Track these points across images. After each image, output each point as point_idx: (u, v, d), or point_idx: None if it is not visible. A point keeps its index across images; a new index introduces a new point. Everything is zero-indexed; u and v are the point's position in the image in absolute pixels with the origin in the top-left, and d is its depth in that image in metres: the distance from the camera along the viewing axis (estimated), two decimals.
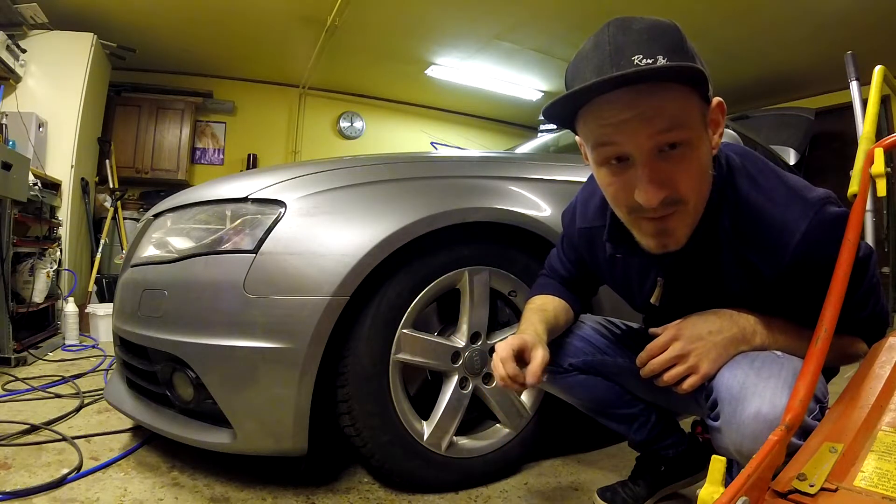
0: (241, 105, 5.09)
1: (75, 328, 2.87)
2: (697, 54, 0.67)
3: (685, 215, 0.69)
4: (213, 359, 1.05)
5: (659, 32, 0.63)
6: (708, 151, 0.69)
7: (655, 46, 0.62)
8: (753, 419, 0.64)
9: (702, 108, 0.66)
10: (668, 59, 0.61)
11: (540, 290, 1.02)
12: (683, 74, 0.62)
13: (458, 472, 1.20)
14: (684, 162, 0.65)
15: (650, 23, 0.64)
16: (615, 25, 0.65)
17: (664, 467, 1.10)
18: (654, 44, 0.62)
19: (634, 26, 0.64)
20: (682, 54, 0.63)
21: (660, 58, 0.61)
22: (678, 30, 0.65)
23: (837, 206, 0.70)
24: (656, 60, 0.60)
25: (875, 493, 0.46)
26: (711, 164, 0.70)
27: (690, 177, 0.67)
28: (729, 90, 4.72)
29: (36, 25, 3.34)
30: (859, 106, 2.40)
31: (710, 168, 0.70)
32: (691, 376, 0.74)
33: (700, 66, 0.64)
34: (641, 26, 0.64)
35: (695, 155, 0.66)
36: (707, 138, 0.68)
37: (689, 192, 0.67)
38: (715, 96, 0.69)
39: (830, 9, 3.34)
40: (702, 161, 0.67)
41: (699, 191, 0.69)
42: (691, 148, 0.65)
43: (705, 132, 0.67)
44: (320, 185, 1.15)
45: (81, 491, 1.12)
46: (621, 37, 0.63)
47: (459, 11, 3.65)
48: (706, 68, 0.67)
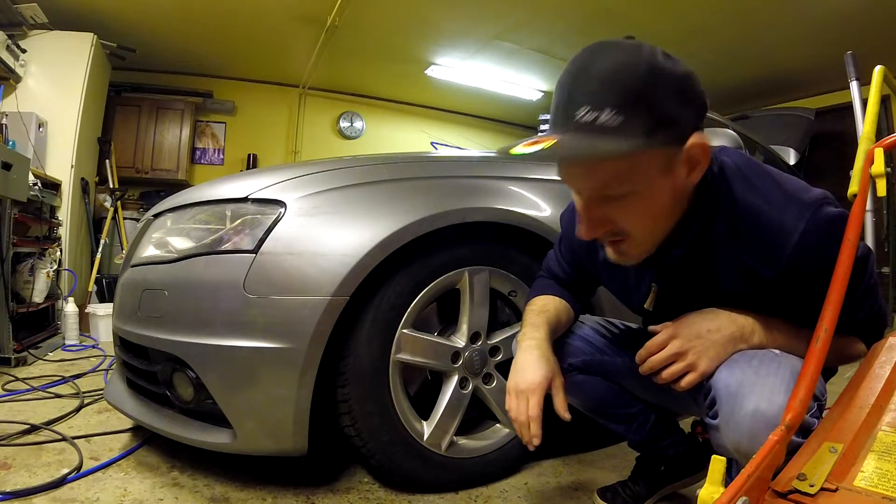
0: (241, 105, 5.09)
1: (75, 328, 2.87)
2: (679, 89, 0.63)
3: (634, 243, 0.72)
4: (213, 359, 1.05)
5: (618, 78, 0.61)
6: (668, 191, 0.68)
7: (608, 97, 0.60)
8: (752, 417, 0.64)
9: (661, 156, 0.64)
10: (616, 110, 0.60)
11: (540, 291, 1.02)
12: (615, 151, 0.61)
13: (458, 472, 1.20)
14: (624, 208, 0.68)
15: (611, 64, 0.62)
16: (580, 62, 0.65)
17: (664, 467, 1.10)
18: (608, 94, 0.60)
19: (595, 67, 0.63)
20: (637, 103, 0.60)
21: (606, 110, 0.60)
22: (645, 68, 0.61)
23: (834, 206, 0.70)
24: (598, 116, 0.60)
25: (875, 493, 0.46)
26: (678, 197, 0.70)
27: (633, 218, 0.69)
28: (729, 90, 4.75)
29: (36, 25, 3.34)
30: (859, 106, 2.40)
31: (672, 204, 0.70)
32: (689, 374, 0.74)
33: (659, 116, 0.61)
34: (600, 69, 0.62)
35: (639, 202, 0.67)
36: (668, 179, 0.66)
37: (631, 228, 0.70)
38: (696, 132, 0.65)
39: (830, 9, 3.34)
40: (654, 206, 0.69)
41: (646, 226, 0.71)
42: (634, 197, 0.67)
43: (665, 174, 0.66)
44: (320, 185, 1.15)
45: (81, 491, 1.12)
46: (577, 81, 0.63)
47: (459, 11, 3.65)
48: (688, 104, 0.64)
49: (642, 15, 3.53)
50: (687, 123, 0.64)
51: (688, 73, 0.64)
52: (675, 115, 0.63)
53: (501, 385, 1.27)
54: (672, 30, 3.71)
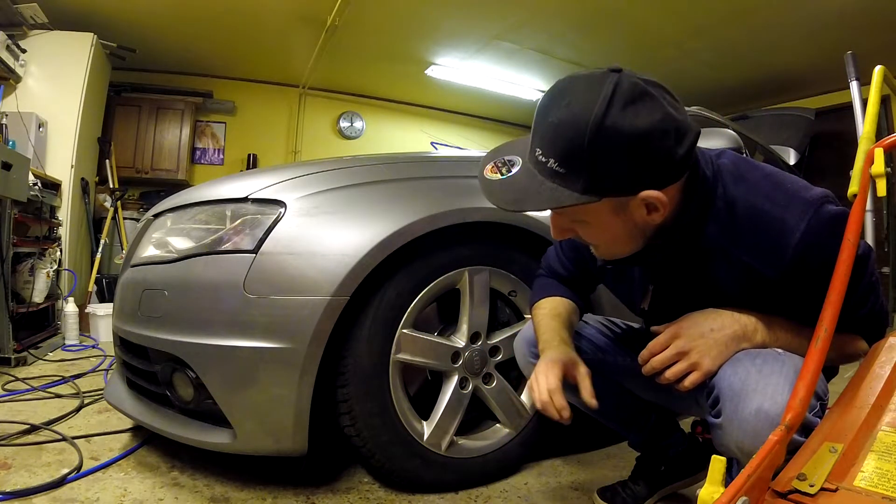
0: (241, 105, 5.08)
1: (75, 328, 2.87)
2: (616, 155, 0.61)
3: (601, 251, 0.78)
4: (213, 359, 1.05)
5: (562, 133, 0.63)
6: (622, 227, 0.71)
7: (553, 148, 0.64)
8: (755, 416, 0.64)
9: (607, 203, 0.67)
10: (558, 163, 0.64)
11: (544, 292, 1.02)
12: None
13: (458, 472, 1.20)
14: (584, 228, 0.73)
15: (565, 116, 0.63)
16: (547, 100, 0.67)
17: (664, 467, 1.10)
18: (553, 145, 0.64)
19: (550, 116, 0.65)
20: (576, 161, 0.62)
21: (552, 160, 0.64)
22: (591, 132, 0.60)
23: (836, 204, 0.70)
24: (548, 161, 0.64)
25: (875, 493, 0.46)
26: (641, 228, 0.72)
27: (588, 235, 0.75)
28: (729, 90, 4.75)
29: (36, 25, 3.33)
30: (859, 106, 2.40)
31: (631, 233, 0.72)
32: (693, 373, 0.74)
33: (596, 175, 0.62)
34: (553, 118, 0.64)
35: (595, 229, 0.72)
36: (621, 219, 0.69)
37: (590, 241, 0.76)
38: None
39: (830, 9, 3.34)
40: (609, 233, 0.72)
41: (608, 244, 0.75)
42: (590, 225, 0.72)
43: (616, 216, 0.69)
44: (320, 185, 1.15)
45: (81, 491, 1.12)
46: (539, 122, 0.67)
47: (459, 11, 3.65)
48: (637, 161, 0.62)
49: (642, 15, 3.53)
50: (636, 180, 0.64)
51: (651, 129, 0.60)
52: (620, 173, 0.63)
53: (501, 385, 1.27)
54: (672, 30, 3.71)
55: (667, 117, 0.62)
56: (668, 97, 0.64)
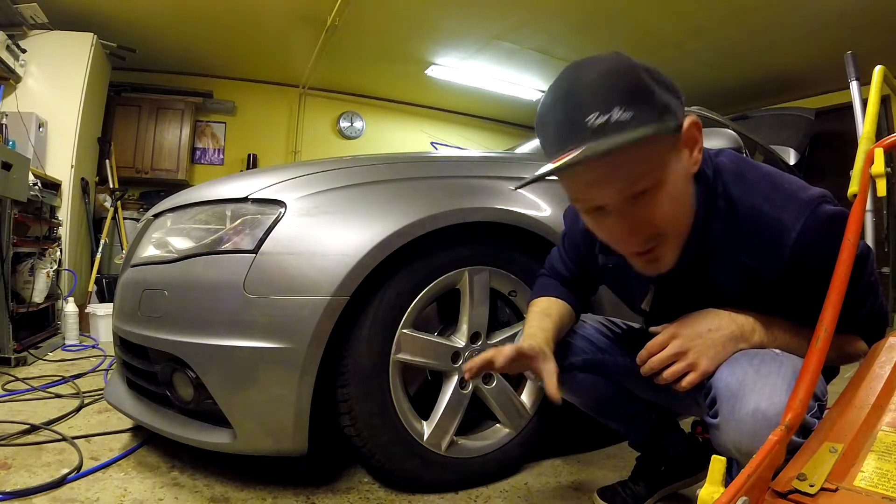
0: (241, 105, 5.09)
1: (75, 328, 2.87)
2: (658, 80, 0.65)
3: (667, 244, 0.73)
4: (213, 359, 1.05)
5: (611, 80, 0.63)
6: (683, 176, 0.70)
7: (611, 97, 0.62)
8: (752, 416, 0.64)
9: (670, 140, 0.67)
10: (623, 107, 0.61)
11: (542, 292, 1.02)
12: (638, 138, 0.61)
13: (458, 472, 1.20)
14: (655, 202, 0.68)
15: (601, 69, 0.64)
16: (568, 80, 0.67)
17: (664, 467, 1.10)
18: (610, 94, 0.62)
19: (586, 78, 0.65)
20: (638, 96, 0.63)
21: (615, 110, 0.61)
22: (631, 68, 0.64)
23: (833, 204, 0.70)
24: (610, 117, 0.61)
25: (875, 493, 0.46)
26: (690, 181, 0.72)
27: (664, 212, 0.69)
28: (729, 90, 4.75)
29: (36, 25, 3.33)
30: (859, 106, 2.40)
31: (688, 188, 0.72)
32: (690, 374, 0.74)
33: (660, 102, 0.64)
34: (592, 77, 0.64)
35: (665, 191, 0.68)
36: (680, 165, 0.69)
37: (665, 225, 0.71)
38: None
39: (830, 9, 3.34)
40: (674, 191, 0.69)
41: (676, 218, 0.72)
42: (660, 187, 0.68)
43: (677, 160, 0.69)
44: (320, 185, 1.15)
45: (81, 491, 1.12)
46: (574, 94, 0.65)
47: (459, 11, 3.65)
48: (673, 91, 0.67)
49: (642, 15, 3.53)
50: (677, 109, 0.67)
51: (666, 78, 0.68)
52: (668, 103, 0.65)
53: (502, 385, 1.27)
54: (672, 30, 3.71)
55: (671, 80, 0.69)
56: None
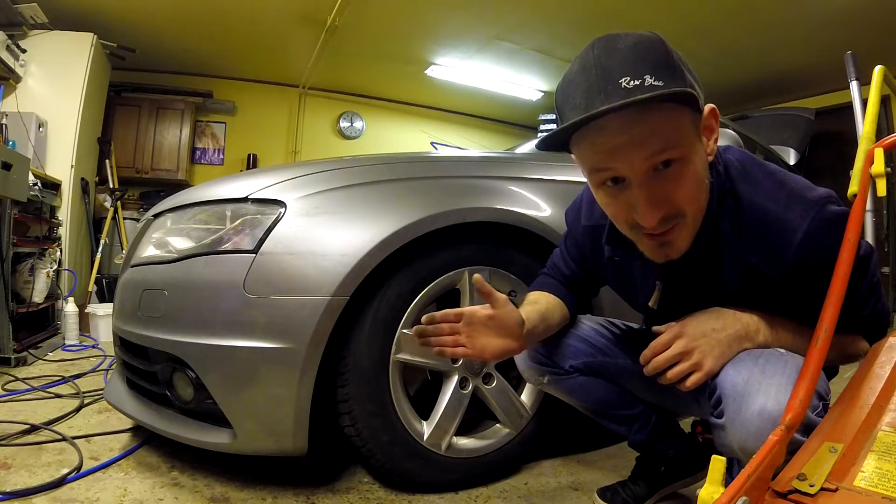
0: (241, 105, 5.09)
1: (75, 328, 2.87)
2: (685, 64, 0.66)
3: (684, 227, 0.71)
4: (213, 359, 1.05)
5: (644, 50, 0.63)
6: (703, 160, 0.69)
7: (641, 66, 0.62)
8: (758, 416, 0.64)
9: (693, 119, 0.67)
10: (654, 77, 0.61)
11: (537, 287, 1.02)
12: (672, 97, 0.62)
13: (458, 472, 1.20)
14: (680, 178, 0.66)
15: (634, 40, 0.64)
16: (599, 47, 0.65)
17: (664, 467, 1.10)
18: (640, 63, 0.62)
19: (619, 45, 0.64)
20: (669, 70, 0.63)
21: (647, 77, 0.61)
22: (663, 43, 0.65)
23: (838, 205, 0.70)
24: (644, 81, 0.61)
25: (875, 493, 0.46)
26: (708, 170, 0.71)
27: (686, 190, 0.68)
28: (729, 90, 4.74)
29: (36, 25, 3.33)
30: (859, 106, 2.40)
31: (706, 175, 0.71)
32: (695, 373, 0.73)
33: (689, 80, 0.64)
34: (626, 45, 0.64)
35: (689, 168, 0.67)
36: (701, 148, 0.68)
37: (686, 205, 0.69)
38: (707, 103, 0.69)
39: (830, 9, 3.34)
40: (697, 172, 0.68)
41: (696, 201, 0.70)
42: (685, 163, 0.66)
43: (699, 142, 0.68)
44: (320, 185, 1.15)
45: (81, 491, 1.12)
46: (606, 59, 0.64)
47: (459, 11, 3.65)
48: (696, 78, 0.67)
49: (642, 15, 3.53)
50: (699, 90, 0.66)
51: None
52: (692, 82, 0.65)
53: (501, 385, 1.27)
54: (672, 29, 3.71)
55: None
56: None
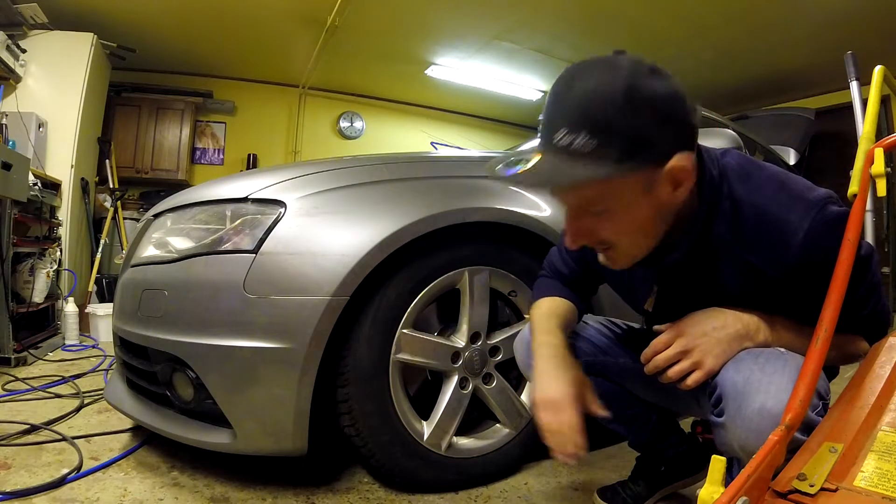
0: (241, 105, 5.08)
1: (75, 328, 2.87)
2: (656, 109, 0.62)
3: (619, 252, 0.74)
4: (213, 359, 1.05)
5: (593, 102, 0.62)
6: (648, 209, 0.69)
7: (583, 120, 0.62)
8: (758, 414, 0.64)
9: (638, 178, 0.65)
10: (590, 136, 0.61)
11: (544, 292, 1.01)
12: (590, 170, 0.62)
13: (458, 472, 1.20)
14: (607, 221, 0.69)
15: (592, 86, 0.62)
16: (563, 81, 0.66)
17: (664, 467, 1.10)
18: (583, 118, 0.62)
19: (573, 91, 0.64)
20: (610, 133, 0.61)
21: (582, 134, 0.61)
22: (621, 96, 0.60)
23: (839, 205, 0.70)
24: (575, 139, 0.62)
25: (875, 493, 0.46)
26: (665, 212, 0.71)
27: (615, 231, 0.71)
28: (729, 90, 4.74)
29: (36, 25, 3.33)
30: (859, 106, 2.40)
31: (656, 218, 0.71)
32: (695, 372, 0.73)
33: (634, 142, 0.61)
34: (579, 91, 0.63)
35: (621, 218, 0.69)
36: (649, 200, 0.67)
37: (615, 239, 0.72)
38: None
39: (830, 9, 3.34)
40: (635, 220, 0.69)
41: (630, 239, 0.72)
42: (611, 214, 0.69)
43: (644, 196, 0.67)
44: (320, 185, 1.15)
45: (81, 491, 1.12)
46: (558, 103, 0.65)
47: (459, 11, 3.65)
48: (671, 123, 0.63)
49: (642, 15, 3.53)
50: (666, 145, 0.64)
51: (672, 93, 0.63)
52: (651, 138, 0.63)
53: (501, 385, 1.27)
54: (672, 30, 3.71)
55: (679, 86, 0.65)
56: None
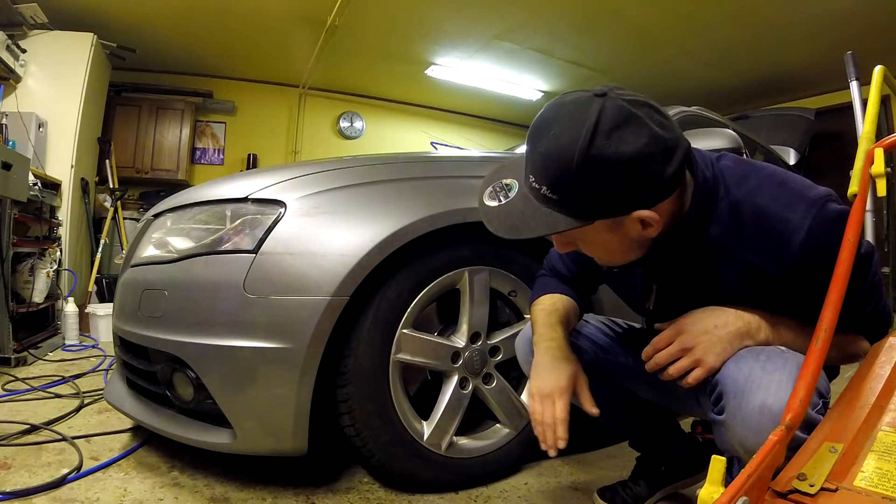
0: (241, 105, 5.08)
1: (75, 328, 2.87)
2: (606, 179, 0.62)
3: (603, 260, 0.79)
4: (213, 359, 1.05)
5: (552, 163, 0.64)
6: (619, 242, 0.72)
7: (545, 177, 0.65)
8: (759, 412, 0.65)
9: (602, 224, 0.68)
10: (551, 190, 0.65)
11: (544, 290, 1.02)
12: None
13: (458, 472, 1.20)
14: (582, 245, 0.75)
15: (554, 146, 0.63)
16: (535, 128, 0.68)
17: (664, 467, 1.10)
18: (545, 174, 0.65)
19: (540, 145, 0.66)
20: (567, 188, 0.63)
21: (544, 188, 0.66)
22: (579, 161, 0.61)
23: (839, 203, 0.71)
24: (541, 189, 0.66)
25: (875, 493, 0.46)
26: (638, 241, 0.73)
27: (592, 252, 0.76)
28: (729, 90, 4.75)
29: (36, 25, 3.33)
30: (859, 106, 2.40)
31: (629, 246, 0.73)
32: (696, 370, 0.74)
33: (590, 198, 0.63)
34: (543, 148, 0.65)
35: (595, 246, 0.74)
36: (618, 236, 0.70)
37: (591, 254, 0.77)
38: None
39: (830, 9, 3.34)
40: (606, 248, 0.74)
41: (610, 255, 0.76)
42: (587, 243, 0.74)
43: (612, 233, 0.70)
44: (320, 185, 1.15)
45: (81, 491, 1.12)
46: (529, 150, 0.68)
47: (459, 11, 3.65)
48: (638, 177, 0.62)
49: (642, 15, 3.53)
50: (628, 201, 0.65)
51: (638, 153, 0.61)
52: (611, 197, 0.64)
53: (501, 385, 1.27)
54: (672, 29, 3.71)
55: (652, 139, 0.62)
56: (655, 115, 0.64)
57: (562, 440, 0.83)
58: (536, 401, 0.85)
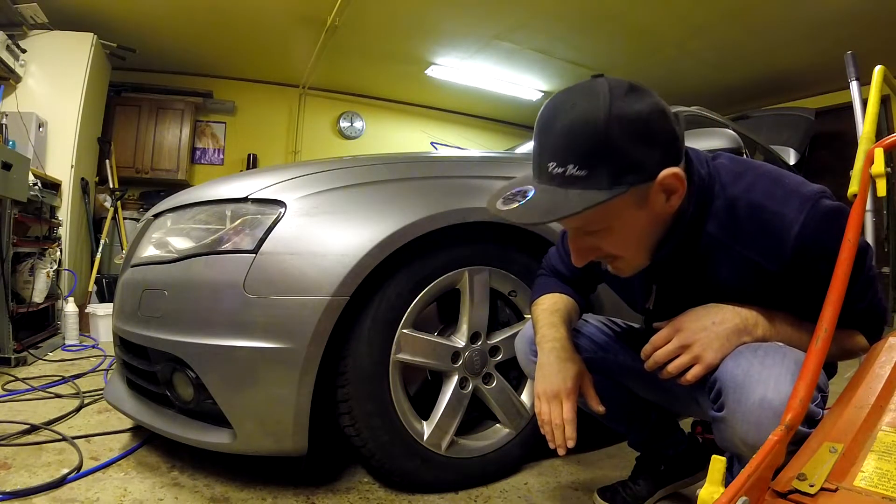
0: (241, 105, 5.08)
1: (75, 328, 2.87)
2: (639, 133, 0.64)
3: (625, 262, 0.77)
4: (213, 359, 1.05)
5: (576, 136, 0.64)
6: (646, 221, 0.72)
7: (569, 153, 0.64)
8: (759, 406, 0.65)
9: (632, 195, 0.66)
10: (578, 166, 0.64)
11: (545, 289, 1.02)
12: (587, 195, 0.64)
13: (458, 472, 1.20)
14: (608, 237, 0.73)
15: (573, 120, 0.64)
16: (545, 117, 0.68)
17: (664, 467, 1.10)
18: (569, 150, 0.65)
19: (556, 126, 0.66)
20: (597, 158, 0.63)
21: (570, 166, 0.64)
22: (603, 125, 0.62)
23: (832, 199, 0.71)
24: (566, 170, 0.65)
25: (875, 493, 0.46)
26: (661, 220, 0.73)
27: (617, 244, 0.74)
28: (729, 90, 4.75)
29: (36, 25, 3.33)
30: (859, 106, 2.40)
31: (654, 226, 0.74)
32: (695, 367, 0.74)
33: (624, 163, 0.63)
34: (561, 126, 0.65)
35: (620, 233, 0.72)
36: (643, 210, 0.70)
37: (616, 251, 0.75)
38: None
39: (830, 9, 3.34)
40: (633, 233, 0.73)
41: (632, 248, 0.75)
42: (610, 231, 0.72)
43: (640, 210, 0.70)
44: (320, 185, 1.15)
45: (81, 491, 1.12)
46: (544, 137, 0.68)
47: (459, 11, 3.65)
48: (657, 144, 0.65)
49: (642, 15, 3.53)
50: (654, 162, 0.66)
51: (652, 111, 0.65)
52: (638, 159, 0.65)
53: (501, 385, 1.27)
54: (672, 29, 3.71)
55: (656, 102, 0.66)
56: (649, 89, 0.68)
57: (571, 440, 0.84)
58: (543, 402, 0.86)
